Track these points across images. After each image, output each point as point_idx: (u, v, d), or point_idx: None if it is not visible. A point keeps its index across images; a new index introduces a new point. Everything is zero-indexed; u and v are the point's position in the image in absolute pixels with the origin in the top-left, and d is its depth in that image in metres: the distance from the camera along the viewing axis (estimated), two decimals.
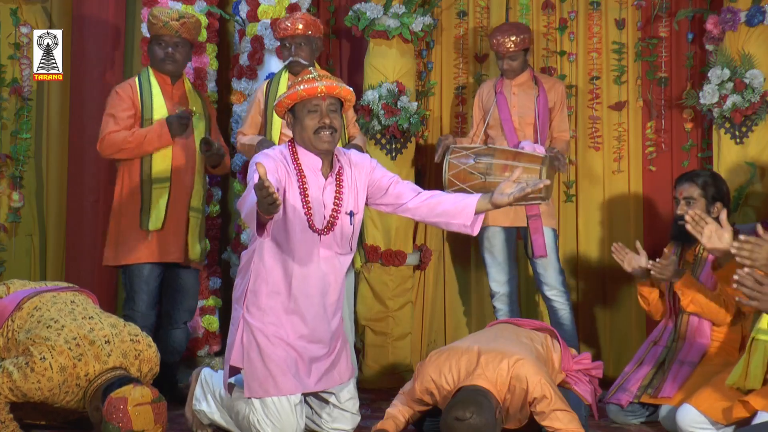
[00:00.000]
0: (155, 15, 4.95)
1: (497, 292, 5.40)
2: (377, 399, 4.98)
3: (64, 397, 3.84)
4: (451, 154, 5.09)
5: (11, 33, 5.85)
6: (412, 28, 5.67)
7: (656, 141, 5.79)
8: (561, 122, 5.43)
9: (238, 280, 4.10)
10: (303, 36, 5.08)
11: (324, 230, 3.96)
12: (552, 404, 3.74)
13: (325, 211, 3.97)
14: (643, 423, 4.43)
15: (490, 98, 5.45)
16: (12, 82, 5.82)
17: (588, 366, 4.31)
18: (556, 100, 5.41)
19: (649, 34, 5.84)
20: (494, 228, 5.34)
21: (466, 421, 3.58)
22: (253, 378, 3.92)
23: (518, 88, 5.39)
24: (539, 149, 5.11)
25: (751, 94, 5.22)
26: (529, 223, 5.25)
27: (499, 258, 5.37)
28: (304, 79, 3.89)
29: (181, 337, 5.06)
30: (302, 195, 3.93)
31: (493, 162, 5.01)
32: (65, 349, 3.80)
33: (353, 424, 4.21)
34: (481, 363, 3.80)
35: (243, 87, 5.85)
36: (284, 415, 3.89)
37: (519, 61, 5.34)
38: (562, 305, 5.30)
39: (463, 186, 5.05)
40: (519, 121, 5.35)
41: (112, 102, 4.88)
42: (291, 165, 3.95)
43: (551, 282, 5.28)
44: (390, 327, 5.66)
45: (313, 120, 3.89)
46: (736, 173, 5.33)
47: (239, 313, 4.02)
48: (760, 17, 5.28)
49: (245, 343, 3.96)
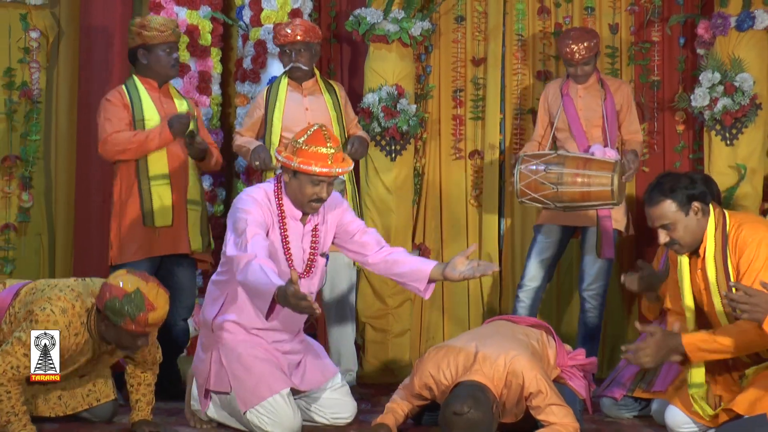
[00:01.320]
0: (160, 23, 4.93)
1: (527, 286, 5.28)
2: (377, 394, 4.96)
3: (74, 340, 3.85)
4: (522, 164, 5.02)
5: (21, 38, 5.85)
6: (411, 33, 5.66)
7: (649, 143, 5.78)
8: (631, 123, 5.33)
9: (207, 307, 4.13)
10: (302, 42, 5.07)
11: (304, 273, 4.09)
12: (547, 399, 3.74)
13: (304, 255, 4.11)
14: (635, 416, 4.43)
15: (556, 101, 5.35)
16: (21, 86, 5.83)
17: (582, 362, 4.30)
18: (623, 102, 5.30)
19: (642, 39, 5.84)
20: (552, 226, 5.25)
21: (464, 416, 3.58)
22: (245, 391, 3.95)
23: (584, 91, 5.30)
24: (609, 153, 5.04)
25: (741, 97, 5.23)
26: (601, 223, 5.11)
27: (545, 255, 5.26)
28: (320, 154, 3.93)
29: (182, 334, 5.03)
30: (283, 241, 4.05)
31: (564, 171, 4.93)
32: (62, 295, 3.83)
33: (352, 410, 4.24)
34: (479, 359, 3.80)
35: (246, 90, 5.85)
36: (280, 409, 3.92)
37: (591, 65, 5.26)
38: (594, 309, 5.21)
39: (536, 195, 4.98)
40: (586, 123, 5.25)
41: (106, 108, 4.86)
42: (274, 208, 4.06)
43: (595, 282, 5.18)
44: (390, 324, 5.66)
45: (314, 190, 3.98)
46: (726, 174, 5.34)
47: (210, 340, 4.07)
48: (749, 22, 5.29)
49: (226, 365, 4.00)
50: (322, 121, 4.95)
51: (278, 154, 4.04)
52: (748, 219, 3.90)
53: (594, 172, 4.90)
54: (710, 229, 3.80)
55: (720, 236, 3.80)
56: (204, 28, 5.87)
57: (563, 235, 5.29)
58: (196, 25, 5.82)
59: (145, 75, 4.95)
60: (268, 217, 4.00)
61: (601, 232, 5.12)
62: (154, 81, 4.95)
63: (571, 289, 5.81)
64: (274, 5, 5.76)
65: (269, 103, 5.12)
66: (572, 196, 4.95)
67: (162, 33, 4.91)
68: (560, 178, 4.93)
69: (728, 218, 3.83)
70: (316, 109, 5.10)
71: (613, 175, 4.87)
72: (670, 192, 3.76)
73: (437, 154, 6.01)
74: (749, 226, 3.79)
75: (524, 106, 5.95)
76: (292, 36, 5.06)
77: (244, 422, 3.99)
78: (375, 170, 5.64)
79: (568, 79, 5.36)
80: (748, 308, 3.36)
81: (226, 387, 4.00)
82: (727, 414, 3.80)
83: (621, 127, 5.32)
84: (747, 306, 3.36)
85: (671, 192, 3.76)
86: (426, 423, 4.15)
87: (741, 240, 3.75)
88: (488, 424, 3.64)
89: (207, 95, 5.91)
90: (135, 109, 4.87)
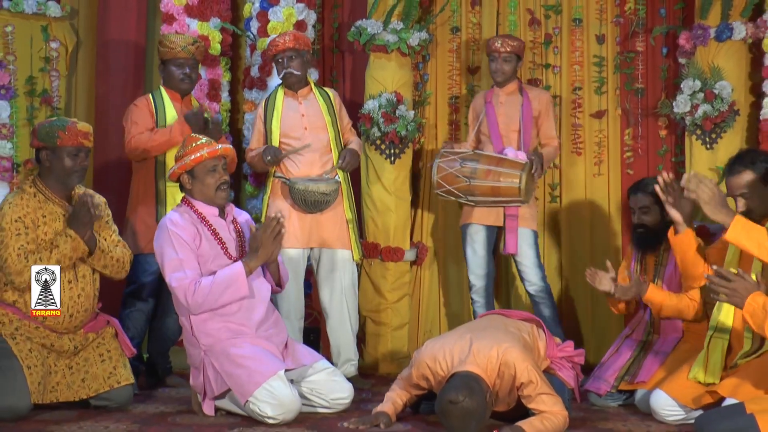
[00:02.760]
0: (172, 41, 4.99)
1: (475, 285, 5.35)
2: (377, 384, 4.99)
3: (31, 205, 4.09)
4: (440, 158, 5.11)
5: (42, 48, 5.86)
6: (409, 43, 5.68)
7: (633, 147, 5.80)
8: (548, 129, 5.38)
9: (183, 323, 4.18)
10: (293, 49, 5.07)
11: (241, 256, 4.16)
12: (538, 388, 3.74)
13: (235, 242, 4.21)
14: (620, 405, 4.44)
15: (481, 107, 5.43)
16: (42, 93, 5.83)
17: (571, 353, 4.32)
18: (541, 108, 5.36)
19: (627, 49, 5.85)
20: (477, 225, 5.29)
21: (459, 404, 3.59)
22: (241, 383, 3.95)
23: (506, 97, 5.36)
24: (521, 156, 5.11)
25: (720, 104, 5.24)
26: (506, 221, 5.20)
27: (479, 253, 5.31)
28: (199, 145, 4.17)
29: (174, 327, 4.97)
30: (214, 235, 4.16)
31: (477, 167, 5.04)
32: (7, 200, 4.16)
33: (350, 391, 4.25)
34: (473, 351, 3.80)
35: (254, 97, 5.87)
36: (277, 391, 3.90)
37: (511, 65, 5.31)
38: (543, 299, 5.26)
39: (450, 188, 5.08)
40: (505, 128, 5.30)
41: (133, 112, 4.94)
42: (195, 217, 4.16)
43: (531, 278, 5.26)
44: (389, 317, 5.67)
45: (214, 178, 4.16)
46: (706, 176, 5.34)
47: (198, 354, 4.10)
48: (728, 33, 5.31)
49: (218, 367, 4.01)
50: (317, 126, 5.05)
51: (171, 177, 4.25)
52: None
53: (505, 169, 4.98)
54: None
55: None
56: (214, 39, 5.90)
57: (489, 234, 5.32)
58: (206, 35, 5.84)
59: (168, 86, 5.02)
60: (192, 229, 4.11)
61: (506, 230, 5.18)
62: (176, 92, 5.01)
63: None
64: (280, 17, 5.78)
65: (267, 113, 5.13)
66: (483, 191, 5.05)
67: (172, 50, 4.98)
68: (473, 173, 5.03)
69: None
70: (311, 115, 5.10)
71: (521, 174, 4.96)
72: (751, 163, 3.85)
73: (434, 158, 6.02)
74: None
75: None
76: (282, 45, 5.07)
77: (248, 411, 3.99)
78: (375, 172, 5.67)
79: (492, 88, 5.42)
80: (728, 292, 3.35)
81: (226, 386, 4.01)
82: (711, 396, 3.81)
83: (539, 132, 5.37)
84: (726, 290, 3.35)
85: (752, 164, 3.85)
86: (423, 411, 4.16)
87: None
88: (482, 412, 3.65)
89: (217, 102, 5.93)
90: (159, 116, 4.94)
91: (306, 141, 5.01)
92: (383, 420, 3.89)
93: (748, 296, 3.30)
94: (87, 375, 4.19)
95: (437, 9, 5.99)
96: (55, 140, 4.13)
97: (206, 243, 4.12)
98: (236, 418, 4.03)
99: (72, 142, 4.14)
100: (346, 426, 3.86)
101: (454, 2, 6.01)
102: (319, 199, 4.87)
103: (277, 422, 3.89)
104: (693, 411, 3.89)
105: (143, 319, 4.91)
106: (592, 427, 3.95)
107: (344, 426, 3.87)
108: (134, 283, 4.88)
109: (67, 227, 4.11)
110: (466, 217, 5.33)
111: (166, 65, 5.02)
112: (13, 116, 5.69)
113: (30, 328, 4.07)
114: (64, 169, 4.16)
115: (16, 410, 3.91)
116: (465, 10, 6.03)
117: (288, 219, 4.82)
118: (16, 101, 5.72)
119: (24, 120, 5.76)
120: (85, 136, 4.20)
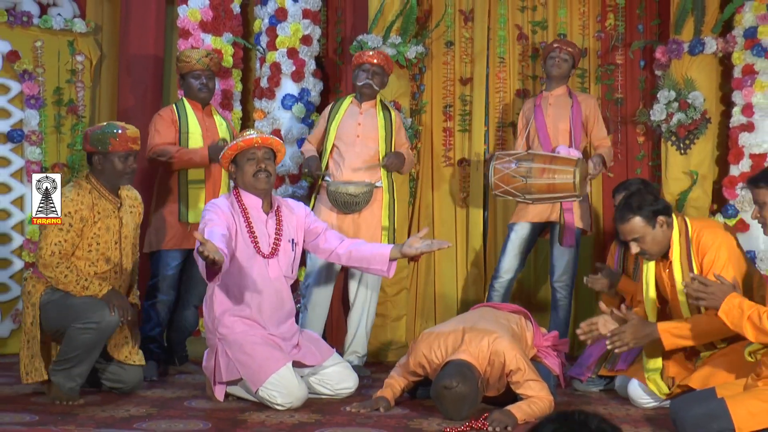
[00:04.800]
0: (188, 55, 4.99)
1: (501, 278, 5.18)
2: (377, 371, 4.98)
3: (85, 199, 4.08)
4: (496, 161, 5.01)
5: (68, 61, 5.87)
6: (407, 56, 5.69)
7: (614, 152, 5.79)
8: (600, 131, 5.24)
9: (206, 308, 4.14)
10: (380, 66, 5.06)
11: (270, 254, 4.09)
12: (525, 375, 3.74)
13: (269, 239, 4.11)
14: (601, 390, 4.45)
15: (530, 111, 5.31)
16: (68, 102, 5.84)
17: (556, 343, 4.32)
18: (589, 113, 5.21)
19: (607, 62, 5.86)
20: (524, 223, 5.16)
21: (453, 390, 3.60)
22: (252, 372, 3.94)
23: (555, 100, 5.25)
24: (573, 152, 5.03)
25: (693, 112, 5.25)
26: (564, 216, 5.04)
27: (517, 250, 5.17)
28: (246, 137, 4.09)
29: (191, 318, 5.05)
30: (248, 228, 4.08)
31: (532, 166, 4.94)
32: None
33: (355, 381, 4.26)
34: (466, 340, 3.81)
35: (263, 106, 5.87)
36: (286, 381, 3.91)
37: (568, 65, 5.24)
38: (564, 297, 5.12)
39: (507, 188, 4.98)
40: (553, 128, 5.18)
41: (157, 122, 4.94)
42: (237, 207, 4.10)
43: (560, 274, 5.09)
44: (388, 310, 5.67)
45: (252, 165, 4.07)
46: (680, 180, 5.37)
47: (213, 339, 4.08)
48: (700, 47, 5.32)
49: (231, 356, 3.99)
50: (370, 136, 5.00)
51: (223, 162, 4.17)
52: (706, 224, 3.91)
53: (559, 166, 4.90)
54: (675, 236, 3.83)
55: (684, 241, 3.82)
56: (227, 52, 5.90)
57: (533, 232, 5.21)
58: (219, 49, 5.85)
59: (189, 98, 5.02)
60: (230, 216, 4.03)
61: (564, 224, 5.06)
62: (197, 102, 5.00)
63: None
64: (288, 32, 5.78)
65: (331, 115, 5.09)
66: (539, 188, 4.95)
67: (188, 63, 4.98)
68: (529, 172, 4.93)
69: (690, 225, 3.85)
70: (367, 125, 5.02)
71: (575, 170, 4.87)
72: (638, 209, 3.78)
73: (429, 162, 6.04)
74: (708, 230, 3.82)
75: (505, 119, 5.97)
76: (372, 59, 5.03)
77: (258, 398, 4.00)
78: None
79: (541, 93, 5.36)
80: (706, 296, 3.37)
81: (236, 375, 4.00)
82: (681, 390, 3.83)
83: (590, 134, 5.24)
84: (704, 295, 3.37)
85: (639, 209, 3.78)
86: (420, 396, 4.16)
87: (702, 244, 3.78)
88: (474, 396, 3.67)
89: (229, 110, 5.94)
90: (182, 124, 4.93)
91: (356, 149, 4.96)
92: (383, 404, 3.89)
93: (725, 298, 3.32)
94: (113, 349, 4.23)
95: (432, 24, 6.01)
96: (107, 146, 4.09)
97: (241, 240, 4.05)
98: (246, 403, 4.04)
99: (123, 147, 4.11)
100: (348, 410, 3.86)
101: (448, 18, 6.01)
102: (348, 200, 4.82)
103: (285, 408, 3.90)
104: (664, 401, 3.90)
105: (165, 309, 4.92)
106: None
107: (347, 410, 3.87)
108: (156, 276, 4.90)
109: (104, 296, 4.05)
110: (520, 215, 5.16)
111: (185, 79, 5.02)
112: (42, 124, 5.70)
113: None
114: (115, 172, 4.13)
115: (112, 323, 4.00)
116: (458, 25, 6.04)
117: (329, 216, 4.90)
118: (45, 110, 5.72)
119: (51, 127, 5.76)
120: (135, 141, 4.17)
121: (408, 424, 3.63)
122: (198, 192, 4.89)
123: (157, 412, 3.82)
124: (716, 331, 3.68)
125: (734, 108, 5.31)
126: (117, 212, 4.20)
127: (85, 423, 3.56)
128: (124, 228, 4.23)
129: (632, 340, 3.77)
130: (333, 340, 5.34)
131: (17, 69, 5.69)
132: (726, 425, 3.17)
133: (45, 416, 3.68)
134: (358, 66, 5.09)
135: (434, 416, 3.76)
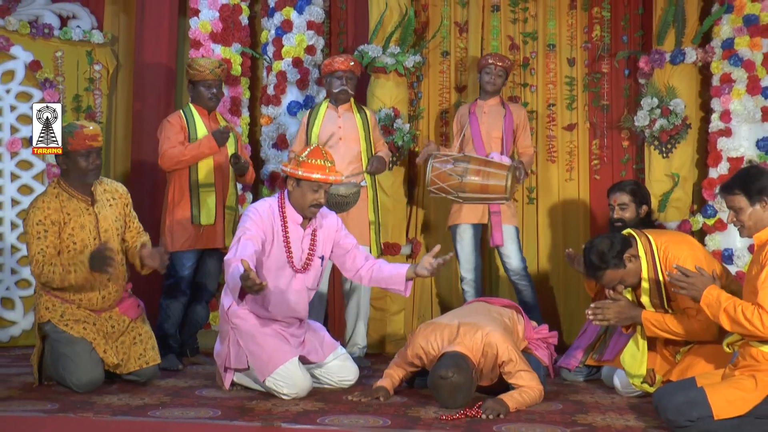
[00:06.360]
0: (201, 64, 4.94)
1: (465, 278, 5.29)
2: (377, 362, 4.99)
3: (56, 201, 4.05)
4: (435, 159, 5.06)
5: (86, 70, 5.88)
6: (405, 65, 5.69)
7: (600, 155, 5.81)
8: (525, 139, 5.35)
9: (224, 297, 4.11)
10: (352, 72, 5.05)
11: (302, 269, 4.06)
12: (517, 366, 3.75)
13: (302, 254, 4.07)
14: (587, 380, 4.46)
15: (465, 117, 5.39)
16: (87, 109, 5.85)
17: (546, 335, 4.31)
18: (519, 122, 5.33)
19: (594, 70, 5.86)
20: (464, 225, 5.25)
21: (449, 380, 3.61)
22: (261, 362, 3.94)
23: (489, 109, 5.33)
24: (505, 159, 5.09)
25: (674, 119, 5.26)
26: (491, 218, 5.16)
27: (467, 249, 5.27)
28: (319, 165, 3.95)
29: (203, 312, 5.05)
30: (285, 241, 4.02)
31: (468, 167, 4.99)
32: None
33: (356, 374, 4.25)
34: (460, 333, 3.81)
35: (270, 112, 5.86)
36: (292, 373, 3.92)
37: (502, 79, 5.31)
38: (525, 287, 5.22)
39: (442, 185, 5.03)
40: (486, 135, 5.25)
41: (166, 128, 4.91)
42: (278, 216, 4.03)
43: (514, 268, 5.21)
44: (387, 304, 5.67)
45: (314, 197, 3.98)
46: (662, 182, 5.37)
47: (226, 327, 4.06)
48: (681, 57, 5.32)
49: (243, 345, 3.99)
50: (351, 137, 4.98)
51: (284, 167, 4.03)
52: (671, 239, 3.87)
53: (493, 170, 4.95)
54: (642, 257, 3.81)
55: (650, 259, 3.81)
56: (235, 61, 5.90)
57: (475, 230, 5.28)
58: (228, 58, 5.84)
59: (196, 104, 5.00)
60: (269, 226, 3.98)
61: (492, 225, 5.15)
62: (204, 109, 4.99)
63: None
64: (293, 42, 5.78)
65: (310, 122, 5.08)
66: (473, 188, 4.99)
67: (201, 72, 4.94)
68: (465, 172, 4.97)
69: (653, 241, 3.82)
70: (347, 127, 5.03)
71: (507, 174, 4.92)
72: (604, 263, 3.77)
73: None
74: (674, 246, 3.80)
75: None
76: (345, 65, 5.03)
77: (264, 387, 4.00)
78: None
79: (476, 101, 5.39)
80: (687, 286, 3.37)
81: (244, 364, 4.00)
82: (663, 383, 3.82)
83: (517, 141, 5.33)
84: (686, 285, 3.38)
85: (604, 263, 3.77)
86: (417, 386, 4.17)
87: (670, 258, 3.76)
88: (468, 386, 3.67)
89: (238, 116, 5.93)
90: (190, 129, 4.91)
91: (340, 151, 4.94)
92: (382, 393, 3.90)
93: (705, 289, 3.33)
94: (125, 356, 4.19)
95: (430, 35, 6.01)
96: (67, 145, 4.05)
97: (276, 250, 4.01)
98: (253, 392, 4.04)
99: (81, 145, 4.04)
100: (350, 399, 3.87)
101: (444, 29, 6.01)
102: (340, 201, 4.81)
103: (290, 397, 3.90)
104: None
105: (180, 307, 4.92)
106: (564, 399, 3.96)
107: (349, 399, 3.87)
108: (173, 277, 4.89)
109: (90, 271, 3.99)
110: (454, 218, 5.28)
111: (195, 86, 5.00)
112: None
113: (72, 309, 4.08)
114: (79, 170, 4.08)
115: (95, 382, 4.01)
116: (453, 36, 6.04)
117: None
118: (64, 117, 5.70)
119: None
120: (93, 138, 4.08)
121: (406, 411, 3.64)
122: (208, 195, 4.88)
123: (170, 400, 3.83)
124: (696, 332, 3.69)
125: (713, 114, 5.31)
126: (91, 209, 4.15)
127: (102, 410, 3.57)
128: (102, 222, 4.16)
129: (614, 317, 3.78)
130: (335, 332, 5.34)
131: (39, 78, 5.70)
132: (705, 412, 3.18)
133: (64, 404, 3.69)
134: (331, 74, 5.07)
135: (431, 405, 3.76)
